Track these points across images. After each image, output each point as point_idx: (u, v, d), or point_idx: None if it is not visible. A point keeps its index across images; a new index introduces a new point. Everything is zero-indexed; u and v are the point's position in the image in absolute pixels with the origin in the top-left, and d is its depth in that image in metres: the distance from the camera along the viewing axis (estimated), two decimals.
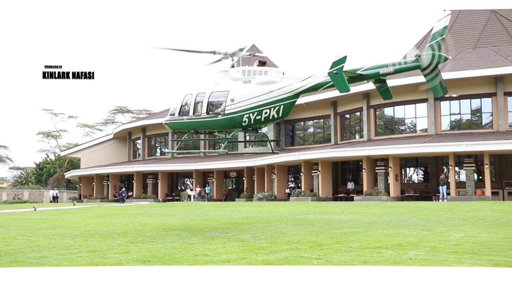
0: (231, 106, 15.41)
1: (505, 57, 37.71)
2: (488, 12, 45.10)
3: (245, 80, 15.63)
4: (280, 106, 15.15)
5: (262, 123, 15.52)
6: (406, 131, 40.54)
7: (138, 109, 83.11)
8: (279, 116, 15.28)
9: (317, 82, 14.50)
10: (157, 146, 59.78)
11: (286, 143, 49.25)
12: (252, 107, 15.27)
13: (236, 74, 15.76)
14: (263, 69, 15.52)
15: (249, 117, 15.33)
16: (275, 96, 15.08)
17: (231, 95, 15.46)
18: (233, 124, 15.55)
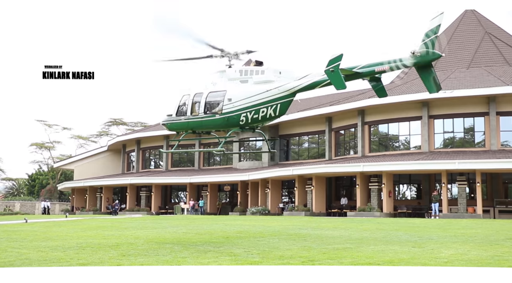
0: (229, 105, 15.58)
1: (498, 78, 38.22)
2: (482, 33, 45.79)
3: (242, 80, 15.83)
4: (277, 105, 15.30)
5: (259, 122, 15.66)
6: (400, 148, 40.81)
7: (133, 121, 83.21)
8: (276, 115, 15.44)
9: (314, 80, 14.69)
10: (151, 158, 59.75)
11: (281, 158, 49.39)
12: (249, 106, 15.41)
13: (233, 74, 15.97)
14: (260, 69, 15.72)
15: (247, 116, 15.46)
16: (272, 95, 15.26)
17: (229, 95, 15.64)
18: (231, 124, 15.71)
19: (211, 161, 54.47)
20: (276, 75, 15.40)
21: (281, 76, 15.38)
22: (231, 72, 15.97)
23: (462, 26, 47.55)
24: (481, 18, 47.94)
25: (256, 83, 15.49)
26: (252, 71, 15.72)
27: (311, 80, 14.73)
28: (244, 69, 15.86)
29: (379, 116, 41.11)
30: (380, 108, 40.45)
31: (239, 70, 15.88)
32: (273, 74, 15.47)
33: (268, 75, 15.46)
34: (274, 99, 15.23)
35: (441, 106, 38.46)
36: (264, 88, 15.27)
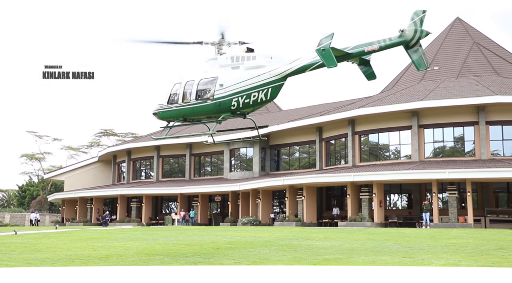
0: (220, 91, 15.63)
1: (487, 87, 38.55)
2: (470, 43, 46.27)
3: (233, 66, 15.92)
4: (268, 89, 15.38)
5: (250, 107, 15.68)
6: (391, 158, 40.94)
7: (124, 132, 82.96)
8: (267, 99, 15.48)
9: (304, 64, 14.81)
10: (142, 169, 59.46)
11: (272, 168, 49.34)
12: (240, 91, 15.48)
13: (224, 61, 16.03)
14: (251, 55, 15.79)
15: (238, 101, 15.52)
16: (263, 79, 15.34)
17: (220, 81, 15.72)
18: (222, 109, 15.71)
19: (202, 171, 54.31)
20: (267, 60, 15.52)
21: (272, 61, 15.47)
22: (222, 59, 16.06)
23: (451, 36, 48.04)
24: (469, 28, 48.47)
25: (248, 69, 15.60)
26: (244, 57, 15.81)
27: (302, 63, 14.87)
28: (236, 56, 15.94)
29: (369, 126, 41.27)
30: (370, 118, 40.63)
31: (230, 56, 15.96)
32: (264, 59, 15.59)
33: (259, 60, 15.56)
34: (265, 84, 15.30)
35: (431, 116, 38.70)
36: (256, 73, 15.34)
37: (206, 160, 54.24)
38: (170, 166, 56.46)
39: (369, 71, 15.14)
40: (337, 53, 13.73)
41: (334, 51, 13.57)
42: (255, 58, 15.66)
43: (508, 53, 46.37)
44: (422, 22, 13.42)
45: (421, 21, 13.39)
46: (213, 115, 16.21)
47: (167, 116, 17.07)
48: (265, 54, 15.83)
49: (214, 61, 16.32)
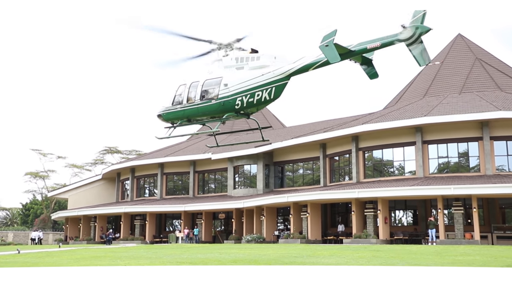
0: (224, 90, 15.72)
1: (490, 102, 38.51)
2: (472, 59, 46.39)
3: (238, 67, 16.00)
4: (272, 88, 15.46)
5: (254, 106, 15.71)
6: (395, 174, 40.76)
7: (128, 149, 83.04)
8: (271, 98, 15.53)
9: (307, 62, 14.94)
10: (146, 186, 59.39)
11: (276, 185, 49.18)
12: (244, 90, 15.62)
13: (229, 62, 16.13)
14: (255, 55, 15.91)
15: (242, 100, 15.64)
16: (267, 78, 15.44)
17: (225, 81, 15.84)
18: (226, 108, 15.81)
19: (205, 188, 54.19)
20: (271, 60, 15.65)
21: (276, 60, 15.66)
22: (227, 60, 16.15)
23: (453, 52, 48.19)
24: (471, 44, 48.63)
25: (252, 69, 15.70)
26: (248, 58, 15.92)
27: (305, 62, 15.01)
28: (240, 56, 16.04)
29: (373, 142, 41.20)
30: (374, 134, 40.57)
31: (235, 57, 16.07)
32: (268, 59, 15.70)
33: (263, 60, 15.71)
34: (269, 83, 15.42)
35: (435, 132, 38.62)
36: (260, 72, 15.49)
37: (210, 177, 54.15)
38: (174, 183, 56.37)
39: (372, 71, 15.26)
40: (340, 50, 13.83)
41: (338, 48, 13.68)
42: (259, 58, 15.81)
43: (510, 68, 46.43)
44: (424, 19, 13.56)
45: (423, 18, 13.53)
46: (217, 115, 16.26)
47: (172, 117, 17.09)
48: (269, 54, 15.94)
49: (219, 62, 16.42)
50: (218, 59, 16.60)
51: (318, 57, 14.61)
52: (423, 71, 49.48)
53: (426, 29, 13.51)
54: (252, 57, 15.96)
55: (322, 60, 14.56)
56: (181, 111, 16.78)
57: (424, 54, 13.88)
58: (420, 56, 13.86)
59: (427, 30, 13.55)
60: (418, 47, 13.80)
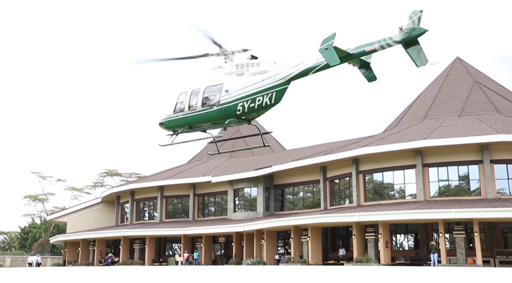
0: (226, 96, 16.01)
1: (490, 126, 38.57)
2: (471, 82, 46.65)
3: (238, 73, 16.31)
4: (273, 93, 15.76)
5: (255, 112, 15.96)
6: (396, 197, 40.57)
7: (128, 172, 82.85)
8: (271, 103, 15.79)
9: (306, 67, 15.23)
10: (145, 209, 59.08)
11: (276, 208, 48.91)
12: (246, 95, 15.90)
13: (229, 68, 16.44)
14: (255, 61, 16.24)
15: (243, 105, 15.89)
16: (267, 84, 15.74)
17: (226, 87, 16.14)
18: (228, 114, 16.04)
19: (205, 211, 53.89)
20: (271, 66, 15.98)
21: (276, 66, 16.00)
22: (227, 67, 16.46)
23: (452, 75, 48.49)
24: (469, 68, 48.98)
25: (252, 75, 16.00)
26: (248, 64, 16.24)
27: (304, 67, 15.32)
28: (240, 63, 16.39)
29: (373, 165, 41.13)
30: (374, 157, 40.53)
31: (235, 64, 16.39)
32: (268, 64, 16.03)
33: (263, 66, 16.03)
34: (269, 88, 15.71)
35: (435, 155, 38.58)
36: (260, 78, 15.78)
37: (210, 200, 53.92)
38: (174, 206, 56.09)
39: (370, 74, 15.60)
40: (339, 54, 14.12)
41: (337, 51, 13.97)
42: (259, 64, 16.15)
43: (509, 92, 46.65)
44: (420, 20, 13.85)
45: (419, 20, 13.83)
46: (219, 121, 16.53)
47: (174, 125, 17.36)
48: (269, 59, 16.30)
49: (219, 69, 16.75)
50: (218, 66, 16.97)
51: (317, 61, 15.00)
52: (422, 94, 49.71)
53: (423, 30, 13.83)
54: (252, 63, 16.34)
55: (322, 64, 14.97)
56: (182, 119, 17.13)
57: (422, 55, 14.21)
58: (417, 58, 14.18)
59: (424, 31, 13.89)
60: (415, 49, 14.12)
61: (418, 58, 14.20)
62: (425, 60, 14.17)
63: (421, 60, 14.16)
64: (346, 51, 14.45)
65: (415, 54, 14.18)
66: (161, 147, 17.73)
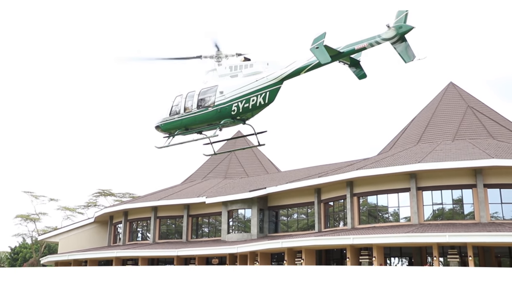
0: (220, 98, 16.48)
1: (483, 150, 38.92)
2: (464, 107, 47.21)
3: (232, 75, 16.82)
4: (266, 93, 16.28)
5: (250, 111, 16.43)
6: (390, 220, 40.60)
7: (121, 192, 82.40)
8: (265, 102, 16.26)
9: (298, 66, 15.81)
10: (138, 230, 58.68)
11: (270, 230, 48.75)
12: (240, 96, 16.38)
13: (223, 70, 16.96)
14: (248, 63, 16.79)
15: (238, 106, 16.36)
16: (261, 84, 16.28)
17: (220, 88, 16.62)
18: (223, 115, 16.52)
19: (199, 232, 53.60)
20: (264, 66, 16.57)
21: (269, 66, 16.60)
22: (221, 69, 16.97)
23: (445, 100, 49.08)
24: (462, 93, 49.61)
25: (246, 76, 16.53)
26: (241, 66, 16.77)
27: (296, 66, 15.89)
28: (234, 65, 16.95)
29: (367, 188, 41.25)
30: (368, 180, 40.68)
31: (229, 66, 16.94)
32: (261, 65, 16.60)
33: (256, 67, 16.59)
34: (263, 88, 16.23)
35: (429, 178, 38.79)
36: (254, 79, 16.30)
37: (203, 221, 53.68)
38: (167, 227, 55.76)
39: (361, 72, 16.26)
40: (330, 52, 14.71)
41: (328, 50, 14.51)
42: (252, 65, 16.72)
43: (501, 117, 47.22)
44: (406, 18, 14.47)
45: (405, 17, 14.47)
46: (215, 121, 16.96)
47: (170, 128, 17.78)
48: (262, 60, 16.91)
49: (213, 72, 17.27)
50: (212, 69, 17.51)
51: (309, 60, 15.65)
52: (416, 118, 50.19)
53: (409, 27, 14.54)
54: (245, 65, 16.91)
55: (313, 63, 15.64)
56: (178, 121, 17.65)
57: (409, 51, 14.96)
58: (405, 54, 14.90)
59: (410, 28, 14.59)
60: (402, 45, 14.81)
61: (406, 54, 14.94)
62: (412, 56, 14.92)
63: (409, 55, 14.90)
64: (336, 49, 15.13)
65: (403, 50, 14.90)
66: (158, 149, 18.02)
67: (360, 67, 16.17)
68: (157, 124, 18.10)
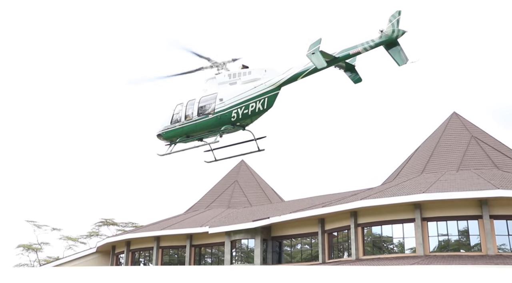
0: (220, 105, 17.00)
1: (488, 181, 38.68)
2: (468, 137, 47.16)
3: (231, 82, 17.37)
4: (265, 99, 16.84)
5: (249, 117, 16.93)
6: (395, 251, 40.07)
7: (124, 222, 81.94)
8: (264, 108, 16.79)
9: (295, 72, 16.39)
10: (141, 260, 58.06)
11: (273, 260, 48.15)
12: (239, 102, 16.95)
13: (222, 78, 17.51)
14: (247, 70, 17.39)
15: (237, 112, 16.84)
16: (259, 90, 16.85)
17: (220, 96, 17.14)
18: (223, 121, 17.03)
19: (202, 263, 52.98)
20: (262, 73, 17.16)
21: (267, 73, 17.17)
22: (220, 77, 17.52)
23: (449, 130, 49.09)
24: (466, 122, 49.64)
25: (244, 83, 17.08)
26: (240, 73, 17.35)
27: (293, 72, 16.49)
28: (233, 73, 17.57)
29: (372, 218, 40.88)
30: (372, 210, 40.35)
31: (228, 74, 17.54)
32: (259, 72, 17.18)
33: (254, 74, 17.17)
34: (261, 94, 16.77)
35: (434, 209, 38.45)
36: (252, 85, 16.75)
37: (206, 251, 53.15)
38: (170, 257, 55.20)
39: (356, 77, 16.78)
40: (326, 57, 15.12)
41: (323, 55, 14.91)
42: (250, 72, 17.32)
43: (506, 147, 47.10)
44: (399, 23, 14.91)
45: (398, 22, 14.91)
46: (215, 128, 17.36)
47: (171, 135, 18.30)
48: (260, 68, 17.52)
49: (212, 80, 17.85)
50: (211, 77, 18.04)
51: (306, 66, 16.23)
52: (420, 148, 50.11)
53: (402, 32, 15.09)
54: (244, 72, 17.54)
55: (309, 69, 16.25)
56: (180, 129, 18.25)
57: (402, 55, 15.53)
58: (398, 57, 15.46)
59: (403, 33, 15.15)
60: (396, 49, 15.35)
61: (399, 57, 15.48)
62: (405, 59, 15.45)
63: (402, 59, 15.43)
64: (332, 55, 15.64)
65: (396, 54, 15.43)
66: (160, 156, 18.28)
67: (356, 72, 16.90)
68: (158, 132, 18.74)
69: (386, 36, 15.09)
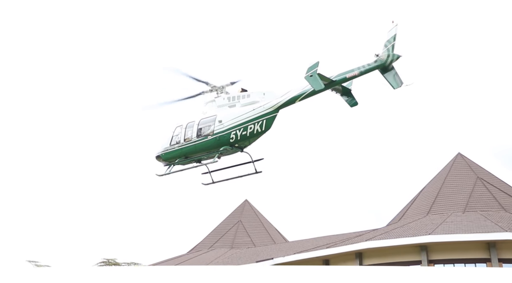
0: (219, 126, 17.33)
1: (495, 223, 38.16)
2: (474, 178, 46.84)
3: (230, 105, 17.77)
4: (263, 121, 17.22)
5: (247, 139, 17.29)
6: None
7: (127, 261, 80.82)
8: (262, 130, 17.12)
9: (293, 95, 16.81)
10: None
11: None
12: (238, 124, 17.19)
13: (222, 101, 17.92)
14: (246, 93, 17.81)
15: (236, 133, 17.02)
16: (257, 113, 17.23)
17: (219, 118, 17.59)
18: (222, 142, 17.40)
19: None
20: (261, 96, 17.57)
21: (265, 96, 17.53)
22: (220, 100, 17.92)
23: (454, 171, 48.82)
24: (471, 164, 49.40)
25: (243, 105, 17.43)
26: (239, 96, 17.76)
27: (291, 95, 16.94)
28: (232, 96, 17.97)
29: (377, 259, 40.13)
30: (378, 252, 39.68)
31: (227, 97, 17.91)
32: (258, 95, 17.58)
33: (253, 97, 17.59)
34: (260, 116, 17.09)
35: (440, 251, 37.79)
36: (251, 108, 17.12)
37: None
38: None
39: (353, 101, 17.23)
40: (323, 80, 15.43)
41: (321, 78, 15.29)
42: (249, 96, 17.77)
43: None
44: (394, 47, 15.26)
45: (393, 47, 15.28)
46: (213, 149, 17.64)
47: (171, 157, 18.66)
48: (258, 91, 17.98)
49: (212, 103, 18.31)
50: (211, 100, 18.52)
51: (303, 89, 16.69)
52: (425, 188, 49.72)
53: (397, 56, 15.52)
54: (243, 95, 18.04)
55: (307, 92, 16.72)
56: (178, 150, 18.69)
57: (397, 78, 15.94)
58: (393, 81, 15.88)
59: (397, 57, 15.50)
60: (390, 73, 15.71)
61: (394, 81, 15.90)
62: (400, 82, 15.83)
63: (397, 82, 15.78)
64: (329, 78, 16.06)
65: (391, 78, 15.86)
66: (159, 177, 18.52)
67: (352, 96, 17.41)
68: (158, 154, 19.13)
69: (381, 60, 15.64)
